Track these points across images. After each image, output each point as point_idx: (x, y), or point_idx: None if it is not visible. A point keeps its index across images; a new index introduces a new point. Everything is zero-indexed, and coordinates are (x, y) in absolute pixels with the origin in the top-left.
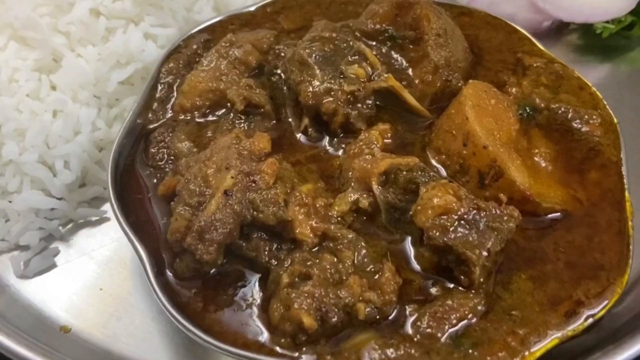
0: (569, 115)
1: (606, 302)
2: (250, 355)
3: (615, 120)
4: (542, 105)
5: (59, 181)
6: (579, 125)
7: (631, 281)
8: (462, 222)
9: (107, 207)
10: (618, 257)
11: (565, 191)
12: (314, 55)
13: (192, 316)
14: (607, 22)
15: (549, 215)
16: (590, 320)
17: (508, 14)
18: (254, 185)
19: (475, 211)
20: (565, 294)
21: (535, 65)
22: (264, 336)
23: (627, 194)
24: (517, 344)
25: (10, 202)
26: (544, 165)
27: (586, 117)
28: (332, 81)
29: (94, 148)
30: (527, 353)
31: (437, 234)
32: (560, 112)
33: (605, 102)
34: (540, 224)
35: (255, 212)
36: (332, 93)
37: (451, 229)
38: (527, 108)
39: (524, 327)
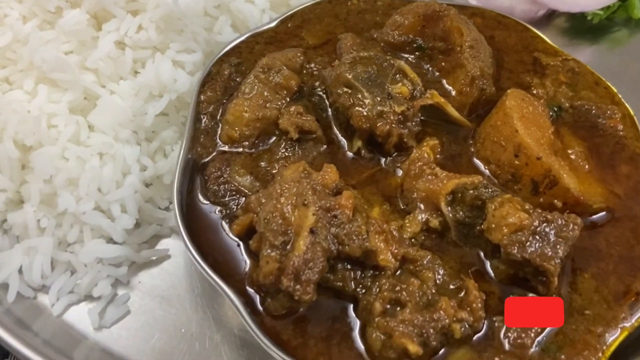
0: (592, 112)
1: None
2: None
3: (632, 112)
4: (567, 104)
5: (118, 226)
6: (603, 121)
7: None
8: (536, 235)
9: (164, 243)
10: None
11: (604, 188)
12: (359, 77)
13: (294, 352)
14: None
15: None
16: None
17: (506, 6)
18: (335, 219)
19: (545, 224)
20: (625, 287)
21: (552, 64)
22: None
23: None
24: (596, 341)
25: (71, 252)
26: (581, 164)
27: (608, 112)
28: (383, 103)
29: (144, 187)
30: (605, 347)
31: (515, 250)
32: (583, 109)
33: (620, 96)
34: (588, 223)
35: (340, 246)
36: (384, 115)
37: (527, 243)
38: (555, 108)
39: (598, 325)
